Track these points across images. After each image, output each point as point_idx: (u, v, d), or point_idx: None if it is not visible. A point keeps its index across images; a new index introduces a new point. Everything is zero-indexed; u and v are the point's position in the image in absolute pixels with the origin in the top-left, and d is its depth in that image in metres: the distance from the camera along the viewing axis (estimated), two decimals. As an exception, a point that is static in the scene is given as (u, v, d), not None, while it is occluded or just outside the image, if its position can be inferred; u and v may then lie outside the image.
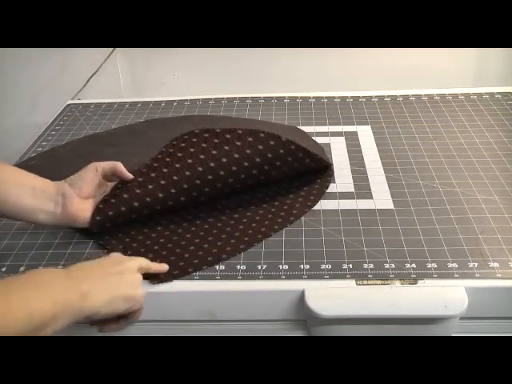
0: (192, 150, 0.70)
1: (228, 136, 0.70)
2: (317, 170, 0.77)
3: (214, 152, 0.69)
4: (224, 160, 0.68)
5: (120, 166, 0.67)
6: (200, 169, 0.68)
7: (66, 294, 0.47)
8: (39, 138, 0.96)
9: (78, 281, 0.48)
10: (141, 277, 0.56)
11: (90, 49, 1.15)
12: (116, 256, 0.58)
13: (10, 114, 1.25)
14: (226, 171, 0.69)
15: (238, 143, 0.69)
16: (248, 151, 0.69)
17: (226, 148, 0.69)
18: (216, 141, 0.70)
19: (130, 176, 0.68)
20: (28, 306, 0.43)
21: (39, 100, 1.23)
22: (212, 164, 0.68)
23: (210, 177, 0.68)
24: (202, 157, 0.69)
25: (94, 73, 1.18)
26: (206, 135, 0.71)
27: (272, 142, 0.69)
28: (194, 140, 0.71)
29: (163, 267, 0.61)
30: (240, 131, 0.70)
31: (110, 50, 1.19)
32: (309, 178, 0.76)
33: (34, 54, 1.16)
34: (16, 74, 1.21)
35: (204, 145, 0.70)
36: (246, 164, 0.69)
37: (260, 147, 0.69)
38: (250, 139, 0.69)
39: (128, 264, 0.56)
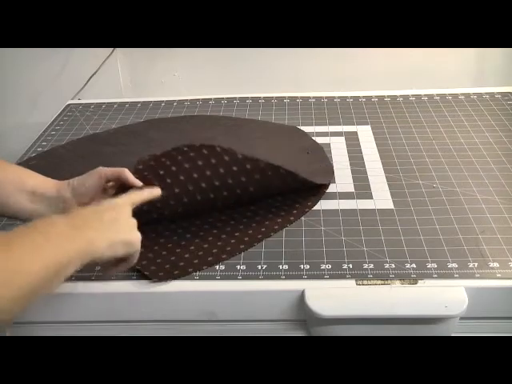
0: (200, 163, 0.67)
1: (227, 158, 0.67)
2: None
3: (222, 170, 0.67)
4: (230, 181, 0.67)
5: (126, 173, 0.64)
6: (203, 185, 0.67)
7: (76, 242, 0.49)
8: (39, 138, 0.96)
9: (83, 229, 0.51)
10: (135, 221, 0.58)
11: (89, 49, 1.15)
12: (107, 202, 0.58)
13: (10, 114, 1.25)
14: (229, 191, 0.68)
15: (235, 168, 0.67)
16: (244, 179, 0.67)
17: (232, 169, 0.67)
18: (227, 158, 0.67)
19: (137, 182, 0.64)
20: (43, 258, 0.45)
21: (39, 100, 1.23)
22: (217, 182, 0.67)
23: (211, 195, 0.68)
24: (208, 173, 0.67)
25: (94, 73, 1.18)
26: (219, 149, 0.68)
27: (270, 173, 0.68)
28: (205, 152, 0.68)
29: (153, 192, 0.62)
30: (240, 156, 0.67)
31: (110, 50, 1.19)
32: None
33: (34, 54, 1.16)
34: (16, 74, 1.21)
35: (213, 160, 0.68)
36: (251, 189, 0.69)
37: (257, 177, 0.68)
38: (248, 166, 0.67)
39: (122, 208, 0.57)
